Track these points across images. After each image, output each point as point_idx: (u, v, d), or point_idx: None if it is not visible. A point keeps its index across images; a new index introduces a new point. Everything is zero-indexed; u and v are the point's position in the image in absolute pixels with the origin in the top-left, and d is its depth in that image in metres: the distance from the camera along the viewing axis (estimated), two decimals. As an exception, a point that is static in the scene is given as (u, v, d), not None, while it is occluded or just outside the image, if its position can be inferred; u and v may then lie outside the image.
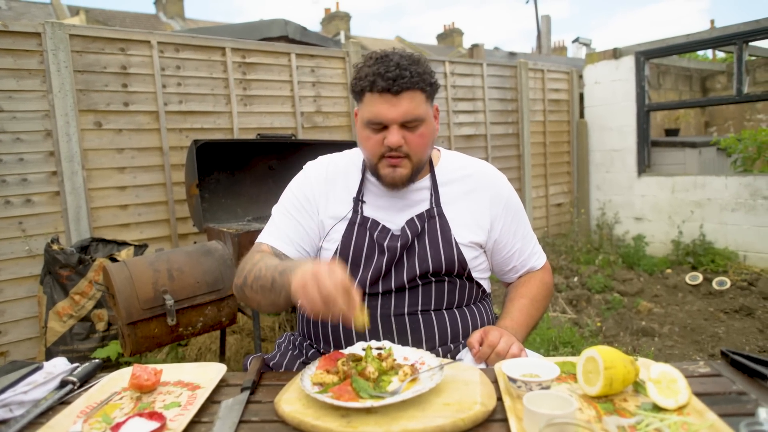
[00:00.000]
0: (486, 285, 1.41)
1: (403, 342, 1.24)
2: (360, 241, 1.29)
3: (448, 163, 1.40)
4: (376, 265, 1.27)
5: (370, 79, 1.19)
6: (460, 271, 1.31)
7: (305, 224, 1.34)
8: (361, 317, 0.96)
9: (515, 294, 1.42)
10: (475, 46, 8.69)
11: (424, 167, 1.33)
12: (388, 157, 1.23)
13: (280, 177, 3.56)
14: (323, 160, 1.43)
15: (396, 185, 1.27)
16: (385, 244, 1.27)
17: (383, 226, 1.30)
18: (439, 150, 1.43)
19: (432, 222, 1.30)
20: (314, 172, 1.39)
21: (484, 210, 1.35)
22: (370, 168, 1.30)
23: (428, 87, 1.23)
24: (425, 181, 1.35)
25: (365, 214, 1.32)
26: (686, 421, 0.83)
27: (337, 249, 1.30)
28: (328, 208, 1.34)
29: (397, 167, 1.24)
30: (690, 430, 0.81)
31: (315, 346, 1.34)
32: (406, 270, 1.27)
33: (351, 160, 1.40)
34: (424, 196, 1.33)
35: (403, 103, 1.19)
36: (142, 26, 13.36)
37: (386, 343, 1.11)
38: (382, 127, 1.22)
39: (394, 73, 1.17)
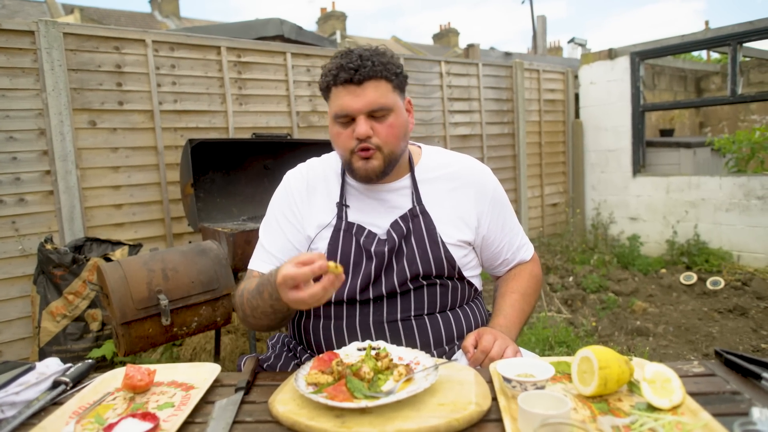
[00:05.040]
0: (477, 283, 1.39)
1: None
2: (347, 248, 1.26)
3: (430, 160, 1.37)
4: (364, 271, 1.25)
5: (333, 73, 1.20)
6: (450, 272, 1.29)
7: (291, 237, 1.32)
8: (334, 268, 1.00)
9: (506, 289, 1.41)
10: (470, 46, 8.70)
11: (401, 162, 1.30)
12: (359, 151, 1.21)
13: (276, 176, 3.55)
14: (302, 168, 1.40)
15: (369, 178, 1.24)
16: (372, 250, 1.25)
17: (369, 231, 1.27)
18: (420, 147, 1.41)
19: (416, 221, 1.28)
20: (294, 182, 1.37)
21: (470, 207, 1.33)
22: (344, 164, 1.27)
23: (393, 77, 1.21)
24: (405, 180, 1.32)
25: (350, 219, 1.29)
26: (680, 420, 0.83)
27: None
28: (312, 216, 1.31)
29: (370, 159, 1.21)
30: (684, 430, 0.81)
31: (308, 351, 1.33)
32: (396, 274, 1.25)
33: (329, 165, 1.38)
34: (406, 194, 1.31)
35: (367, 92, 1.18)
36: (137, 25, 13.30)
37: (381, 343, 1.11)
38: (350, 120, 1.20)
39: (356, 63, 1.17)
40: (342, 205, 1.30)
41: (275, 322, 1.19)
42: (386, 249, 1.25)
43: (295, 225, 1.32)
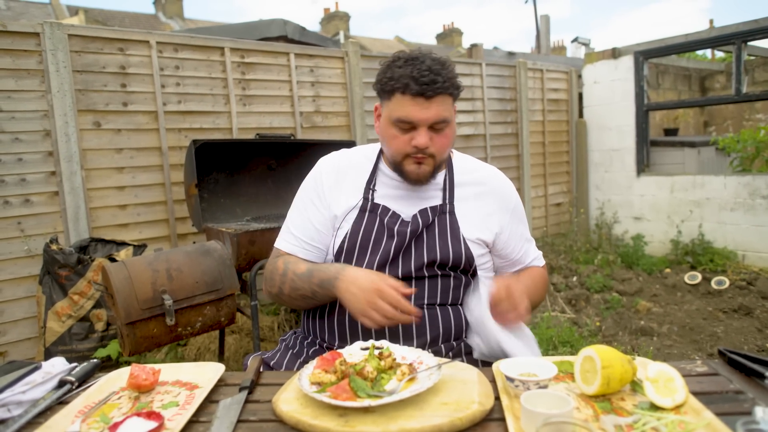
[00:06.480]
0: None
1: (407, 336, 1.25)
2: (369, 226, 1.33)
3: (460, 163, 1.45)
4: (384, 248, 1.30)
5: (403, 81, 1.22)
6: (467, 266, 1.33)
7: (315, 221, 1.37)
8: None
9: (517, 277, 1.44)
10: (474, 46, 8.66)
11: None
12: (414, 156, 1.28)
13: (279, 177, 3.56)
14: (337, 153, 1.47)
15: (420, 181, 1.32)
16: (395, 229, 1.31)
17: (393, 212, 1.34)
18: (452, 151, 1.47)
19: (443, 218, 1.34)
20: (326, 165, 1.43)
21: (492, 213, 1.39)
22: (394, 164, 1.33)
23: (456, 91, 1.29)
24: (439, 177, 1.39)
25: (376, 201, 1.35)
26: (683, 420, 0.83)
27: (346, 234, 1.33)
28: (340, 199, 1.37)
29: (422, 164, 1.28)
30: (687, 429, 0.81)
31: (318, 340, 1.35)
32: (414, 258, 1.30)
33: (365, 155, 1.44)
34: (436, 191, 1.38)
35: (433, 106, 1.23)
36: (141, 26, 13.35)
37: (384, 343, 1.12)
38: (411, 127, 1.26)
39: (428, 78, 1.21)
40: (369, 189, 1.36)
41: (305, 305, 1.35)
42: (409, 230, 1.30)
43: (319, 208, 1.38)
